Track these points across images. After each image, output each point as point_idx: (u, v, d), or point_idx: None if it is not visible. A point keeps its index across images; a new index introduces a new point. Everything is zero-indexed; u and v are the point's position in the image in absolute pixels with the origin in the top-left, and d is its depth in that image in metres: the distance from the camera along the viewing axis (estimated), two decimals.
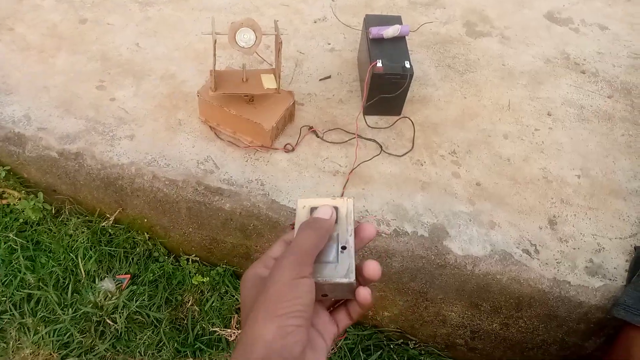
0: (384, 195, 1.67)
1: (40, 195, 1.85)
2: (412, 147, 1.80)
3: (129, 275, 1.92)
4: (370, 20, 1.89)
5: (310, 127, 1.82)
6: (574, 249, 1.58)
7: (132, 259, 1.95)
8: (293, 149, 1.76)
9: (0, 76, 1.90)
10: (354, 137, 1.79)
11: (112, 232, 1.92)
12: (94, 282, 1.91)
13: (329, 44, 2.13)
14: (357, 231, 0.68)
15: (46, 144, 1.74)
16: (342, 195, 1.65)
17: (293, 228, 0.72)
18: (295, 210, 0.72)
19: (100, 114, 1.82)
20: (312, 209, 0.70)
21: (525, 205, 1.67)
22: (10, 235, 1.86)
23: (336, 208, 0.69)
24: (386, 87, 1.75)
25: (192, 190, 1.67)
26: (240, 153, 1.75)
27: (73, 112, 1.82)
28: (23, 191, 1.87)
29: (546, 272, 1.53)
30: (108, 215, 1.88)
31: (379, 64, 1.73)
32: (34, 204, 1.81)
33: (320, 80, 1.99)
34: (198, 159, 1.72)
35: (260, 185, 1.67)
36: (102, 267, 1.92)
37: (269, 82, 1.72)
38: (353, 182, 1.69)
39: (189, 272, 1.92)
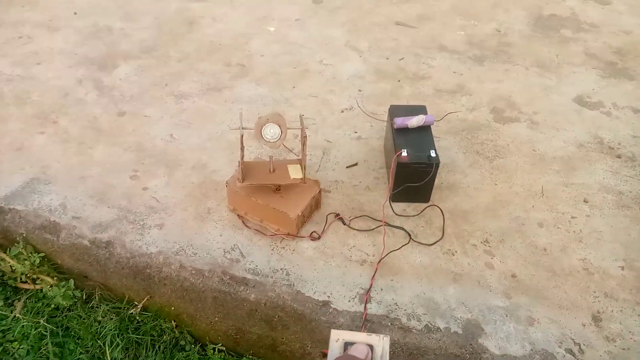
0: (414, 287, 1.61)
1: (71, 282, 1.87)
2: (442, 235, 1.75)
3: None
4: (395, 111, 1.92)
5: (337, 215, 1.81)
6: (623, 349, 1.45)
7: (159, 347, 1.90)
8: (319, 237, 1.74)
9: (41, 167, 1.99)
10: (381, 225, 1.76)
11: (139, 320, 1.89)
12: None
13: (356, 132, 2.17)
14: None
15: (79, 233, 1.78)
16: (370, 287, 1.60)
17: (324, 357, 0.68)
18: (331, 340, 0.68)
19: (132, 203, 1.86)
20: (347, 344, 0.67)
21: (565, 300, 1.58)
22: (41, 321, 1.86)
23: (371, 347, 0.67)
24: (412, 176, 1.74)
25: (218, 280, 1.66)
26: (266, 241, 1.74)
27: (106, 201, 1.86)
28: (56, 277, 1.89)
29: None
30: (136, 303, 1.87)
31: (404, 154, 1.73)
32: (65, 291, 1.82)
33: (347, 167, 2.00)
34: (225, 248, 1.72)
35: (285, 275, 1.64)
36: (128, 355, 1.88)
37: (295, 172, 1.74)
38: (381, 273, 1.64)
39: None
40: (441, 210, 1.81)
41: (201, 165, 2.01)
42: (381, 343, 0.67)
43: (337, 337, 0.68)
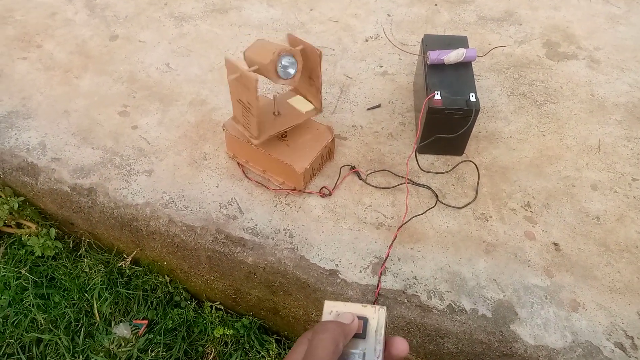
0: (438, 258, 1.37)
1: (52, 231, 1.70)
2: (476, 196, 1.49)
3: (146, 321, 1.73)
4: (430, 42, 1.59)
5: (352, 167, 1.55)
6: None
7: (151, 302, 1.76)
8: (330, 194, 1.50)
9: (21, 98, 1.76)
10: (404, 183, 1.50)
11: (130, 273, 1.73)
12: (110, 325, 1.73)
13: (381, 66, 1.85)
14: (387, 345, 0.61)
15: (58, 177, 1.57)
16: (386, 257, 1.37)
17: None
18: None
19: (120, 144, 1.63)
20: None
21: (619, 281, 1.32)
22: (23, 271, 1.72)
23: (365, 319, 0.62)
24: (445, 125, 1.45)
25: (212, 238, 1.45)
26: (269, 196, 1.50)
27: (91, 140, 1.64)
28: (39, 223, 1.72)
29: None
30: (125, 255, 1.70)
31: (437, 97, 1.43)
32: (44, 241, 1.65)
33: (368, 109, 1.71)
34: (221, 202, 1.49)
35: (288, 237, 1.42)
36: (118, 310, 1.74)
37: (301, 104, 1.47)
38: (400, 239, 1.41)
39: (211, 323, 1.70)
40: (476, 165, 1.54)
41: (200, 101, 1.75)
42: (377, 315, 0.62)
43: (331, 310, 0.64)
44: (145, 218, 1.50)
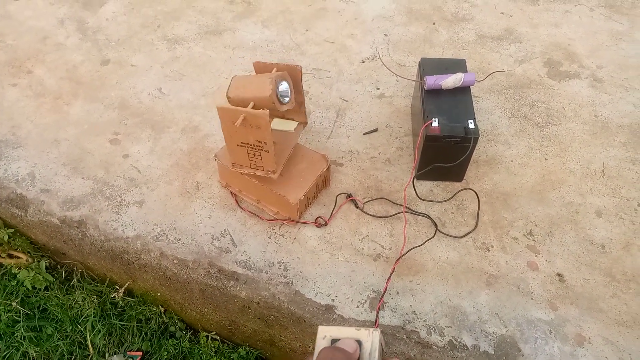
0: (438, 291, 1.32)
1: (43, 264, 1.66)
2: (476, 225, 1.44)
3: (140, 353, 1.69)
4: (427, 66, 1.55)
5: (349, 196, 1.50)
6: None
7: (146, 333, 1.71)
8: (326, 223, 1.46)
9: (11, 127, 1.73)
10: (402, 212, 1.45)
11: (123, 304, 1.69)
12: (104, 357, 1.69)
13: (378, 88, 1.81)
14: None
15: (48, 209, 1.54)
16: (384, 291, 1.32)
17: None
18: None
19: (110, 173, 1.59)
20: (333, 341, 0.63)
21: (626, 314, 1.27)
22: (14, 303, 1.68)
23: (359, 342, 0.62)
24: (443, 153, 1.40)
25: (204, 272, 1.40)
26: (262, 227, 1.46)
27: (81, 170, 1.60)
28: (30, 253, 1.68)
29: None
30: (117, 287, 1.66)
31: (435, 124, 1.39)
32: (34, 274, 1.61)
33: (364, 134, 1.67)
34: (213, 234, 1.45)
35: (282, 271, 1.37)
36: (112, 341, 1.70)
37: (285, 125, 1.45)
38: (399, 271, 1.36)
39: (206, 355, 1.66)
40: (476, 193, 1.49)
41: (192, 127, 1.71)
42: (370, 337, 0.62)
43: (325, 334, 0.64)
44: (136, 251, 1.46)
